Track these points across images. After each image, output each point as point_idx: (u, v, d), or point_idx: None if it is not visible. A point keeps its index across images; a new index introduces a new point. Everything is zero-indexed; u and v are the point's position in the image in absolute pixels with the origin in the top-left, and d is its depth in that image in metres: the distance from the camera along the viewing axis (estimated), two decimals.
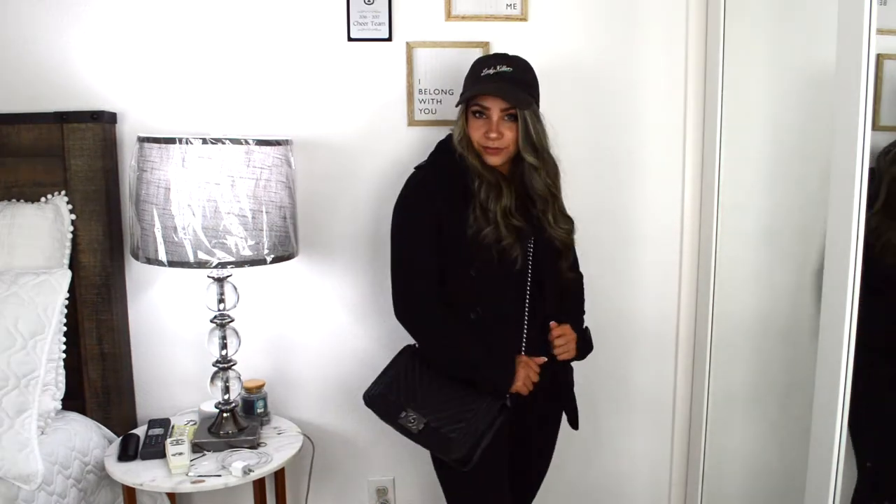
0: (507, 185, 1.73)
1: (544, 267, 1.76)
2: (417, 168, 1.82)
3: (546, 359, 1.75)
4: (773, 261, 2.18)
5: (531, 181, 1.75)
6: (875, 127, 1.45)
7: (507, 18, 2.13)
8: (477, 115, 1.71)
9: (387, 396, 1.76)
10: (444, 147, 1.82)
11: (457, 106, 1.79)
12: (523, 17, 2.13)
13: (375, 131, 2.15)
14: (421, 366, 1.78)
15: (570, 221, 1.81)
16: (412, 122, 2.14)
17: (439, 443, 1.70)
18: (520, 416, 1.83)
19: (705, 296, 2.22)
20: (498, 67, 1.70)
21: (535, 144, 1.71)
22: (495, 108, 1.69)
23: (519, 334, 1.75)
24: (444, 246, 1.71)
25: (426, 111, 2.13)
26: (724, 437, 2.30)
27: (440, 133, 2.09)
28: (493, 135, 1.68)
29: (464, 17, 2.12)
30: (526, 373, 1.71)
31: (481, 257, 1.68)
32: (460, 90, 1.80)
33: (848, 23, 1.42)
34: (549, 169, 1.76)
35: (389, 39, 2.12)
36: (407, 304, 1.75)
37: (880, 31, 1.39)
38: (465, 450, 1.66)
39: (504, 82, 1.69)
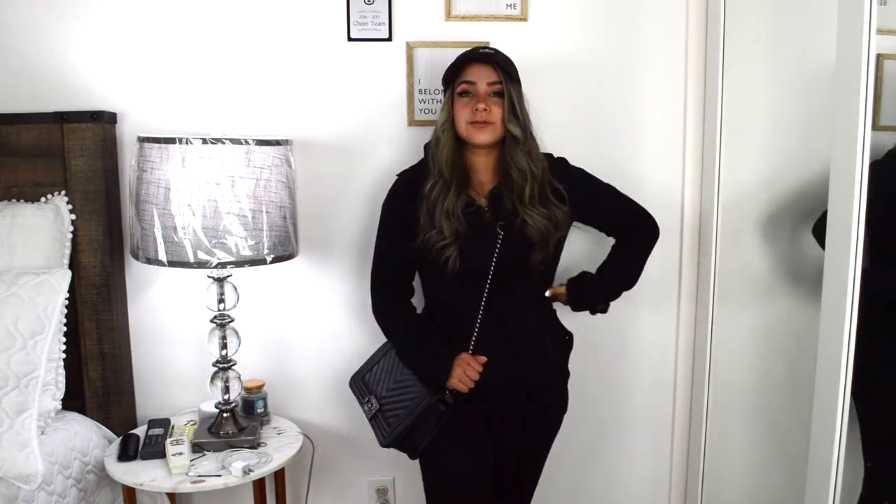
0: (459, 187, 1.75)
1: (510, 263, 1.76)
2: (398, 175, 1.90)
3: (486, 359, 1.75)
4: (773, 260, 2.18)
5: (515, 158, 1.75)
6: (875, 127, 1.44)
7: (507, 18, 2.13)
8: (463, 94, 1.74)
9: (361, 381, 1.93)
10: (427, 148, 1.86)
11: (444, 87, 1.82)
12: (523, 17, 2.13)
13: (375, 131, 2.15)
14: (391, 354, 1.90)
15: (554, 206, 1.77)
16: (412, 121, 2.14)
17: (378, 428, 1.82)
18: (500, 416, 1.85)
19: (705, 295, 2.22)
20: (481, 49, 1.76)
21: (519, 118, 1.74)
22: (482, 81, 1.72)
23: (469, 332, 1.77)
24: (414, 244, 1.78)
25: (426, 111, 2.13)
26: (724, 438, 2.30)
27: None
28: (481, 105, 1.70)
29: (464, 17, 2.12)
30: (462, 370, 1.73)
31: (428, 257, 1.75)
32: None
33: (848, 22, 1.42)
34: (533, 150, 1.77)
35: (389, 39, 2.12)
36: (372, 298, 1.90)
37: (880, 31, 1.39)
38: (391, 438, 1.76)
39: (490, 57, 1.74)
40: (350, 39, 2.11)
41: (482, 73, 1.72)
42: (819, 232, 2.01)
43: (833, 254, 1.51)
